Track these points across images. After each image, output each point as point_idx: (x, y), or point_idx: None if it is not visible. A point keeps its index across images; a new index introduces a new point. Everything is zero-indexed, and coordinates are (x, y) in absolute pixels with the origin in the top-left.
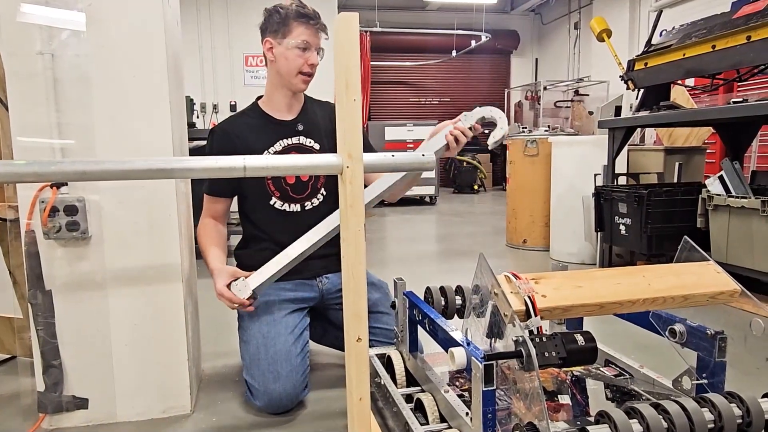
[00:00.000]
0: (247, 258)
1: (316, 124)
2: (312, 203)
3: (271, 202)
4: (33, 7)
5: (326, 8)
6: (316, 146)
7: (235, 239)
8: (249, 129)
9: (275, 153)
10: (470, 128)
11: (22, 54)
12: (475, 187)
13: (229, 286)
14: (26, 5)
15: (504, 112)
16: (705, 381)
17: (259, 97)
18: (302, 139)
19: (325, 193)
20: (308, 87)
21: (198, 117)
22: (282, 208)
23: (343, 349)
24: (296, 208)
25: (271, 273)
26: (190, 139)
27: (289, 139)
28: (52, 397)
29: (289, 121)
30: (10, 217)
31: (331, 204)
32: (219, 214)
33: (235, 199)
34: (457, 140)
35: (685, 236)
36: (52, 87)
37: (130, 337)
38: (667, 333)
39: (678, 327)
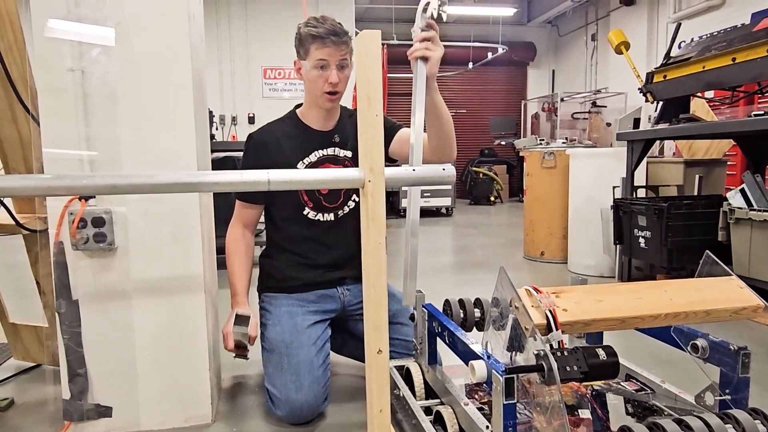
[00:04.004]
0: (271, 267)
1: (351, 134)
2: (344, 211)
3: (305, 213)
4: (63, 23)
5: (344, 22)
6: (350, 154)
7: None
8: (285, 137)
9: (310, 164)
10: (424, 29)
11: (53, 70)
12: (492, 198)
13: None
14: (56, 21)
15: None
16: (728, 397)
17: (298, 105)
18: (337, 150)
19: (357, 199)
20: (338, 102)
21: (217, 129)
22: (316, 218)
23: (362, 360)
24: (330, 217)
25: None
26: (211, 151)
27: (325, 150)
28: (77, 405)
29: (326, 132)
30: (39, 228)
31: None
32: (250, 221)
33: None
34: (426, 48)
35: (707, 251)
36: (82, 102)
37: (153, 347)
38: (689, 348)
39: (700, 342)
